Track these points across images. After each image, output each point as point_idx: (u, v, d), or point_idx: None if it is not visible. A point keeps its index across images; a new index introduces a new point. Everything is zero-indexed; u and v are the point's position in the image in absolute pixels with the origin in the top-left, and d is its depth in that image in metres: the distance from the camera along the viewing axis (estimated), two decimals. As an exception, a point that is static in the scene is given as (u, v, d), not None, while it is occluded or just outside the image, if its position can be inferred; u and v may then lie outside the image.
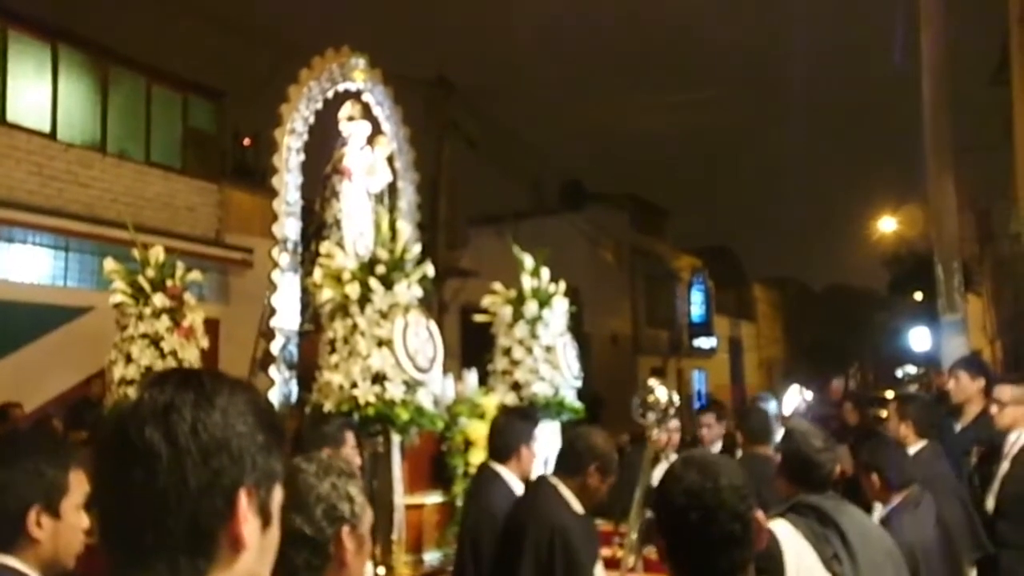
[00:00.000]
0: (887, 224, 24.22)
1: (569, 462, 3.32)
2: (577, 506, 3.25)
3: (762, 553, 1.80)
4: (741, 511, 1.70)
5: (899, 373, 11.14)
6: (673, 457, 5.32)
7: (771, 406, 5.33)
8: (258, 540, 1.01)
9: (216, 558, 0.97)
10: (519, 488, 3.67)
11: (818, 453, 2.88)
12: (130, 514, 0.96)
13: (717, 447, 5.83)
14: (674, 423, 5.33)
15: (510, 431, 3.90)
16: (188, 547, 0.96)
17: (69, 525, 1.87)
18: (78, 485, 1.91)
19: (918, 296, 25.72)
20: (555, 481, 3.30)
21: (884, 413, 6.69)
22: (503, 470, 3.79)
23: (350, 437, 3.81)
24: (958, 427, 4.93)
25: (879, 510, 3.68)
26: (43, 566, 1.82)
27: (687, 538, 1.71)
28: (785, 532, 2.52)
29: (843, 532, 2.62)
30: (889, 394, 12.55)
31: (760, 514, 1.75)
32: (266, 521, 1.02)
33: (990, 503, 4.32)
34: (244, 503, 0.98)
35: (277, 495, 1.05)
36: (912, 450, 4.17)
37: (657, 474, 4.92)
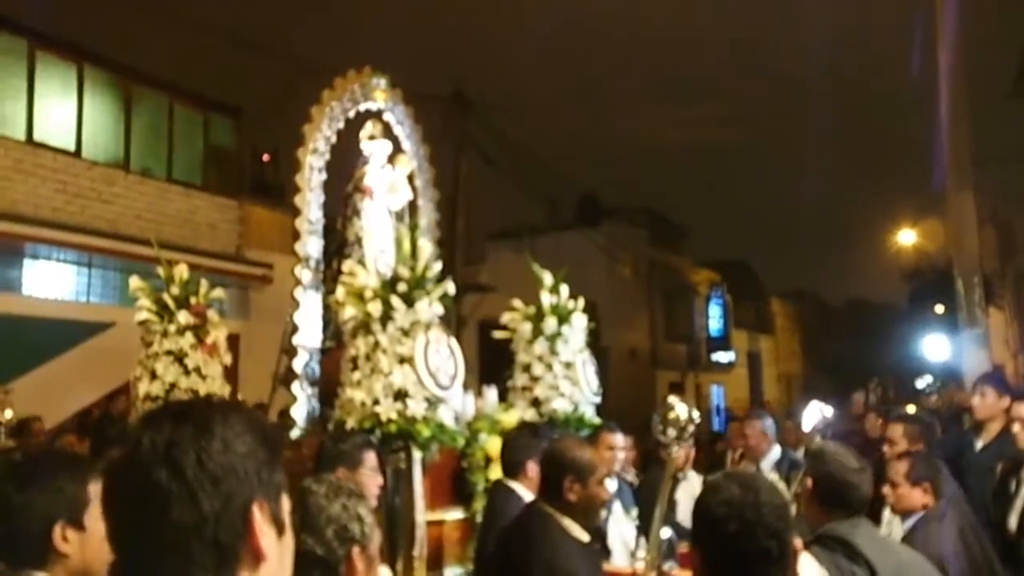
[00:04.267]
0: (906, 237, 24.08)
1: (549, 486, 3.08)
2: (579, 533, 3.00)
3: None
4: (779, 529, 1.68)
5: (919, 383, 11.00)
6: (691, 475, 5.32)
7: (767, 423, 5.36)
8: (276, 548, 1.07)
9: (240, 572, 1.03)
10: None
11: (854, 474, 2.67)
12: (151, 548, 1.02)
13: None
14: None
15: (518, 447, 3.93)
16: (214, 568, 1.01)
17: (96, 535, 1.89)
18: (99, 495, 1.94)
19: (939, 309, 25.48)
20: (549, 510, 3.03)
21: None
22: (517, 486, 3.82)
23: (370, 458, 3.61)
24: (979, 444, 4.90)
25: (905, 520, 3.65)
26: None
27: (723, 551, 1.70)
28: (807, 567, 2.25)
29: (874, 568, 2.43)
30: (911, 408, 12.39)
31: (798, 540, 1.73)
32: (280, 530, 1.08)
33: (1012, 521, 4.29)
34: (258, 517, 1.04)
35: (285, 504, 1.11)
36: None
37: (679, 493, 4.93)
